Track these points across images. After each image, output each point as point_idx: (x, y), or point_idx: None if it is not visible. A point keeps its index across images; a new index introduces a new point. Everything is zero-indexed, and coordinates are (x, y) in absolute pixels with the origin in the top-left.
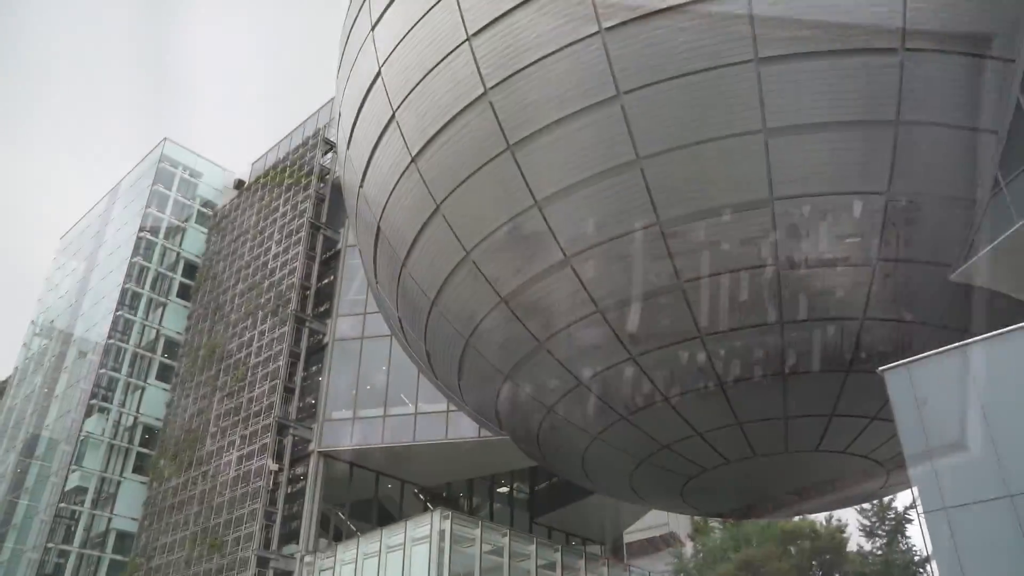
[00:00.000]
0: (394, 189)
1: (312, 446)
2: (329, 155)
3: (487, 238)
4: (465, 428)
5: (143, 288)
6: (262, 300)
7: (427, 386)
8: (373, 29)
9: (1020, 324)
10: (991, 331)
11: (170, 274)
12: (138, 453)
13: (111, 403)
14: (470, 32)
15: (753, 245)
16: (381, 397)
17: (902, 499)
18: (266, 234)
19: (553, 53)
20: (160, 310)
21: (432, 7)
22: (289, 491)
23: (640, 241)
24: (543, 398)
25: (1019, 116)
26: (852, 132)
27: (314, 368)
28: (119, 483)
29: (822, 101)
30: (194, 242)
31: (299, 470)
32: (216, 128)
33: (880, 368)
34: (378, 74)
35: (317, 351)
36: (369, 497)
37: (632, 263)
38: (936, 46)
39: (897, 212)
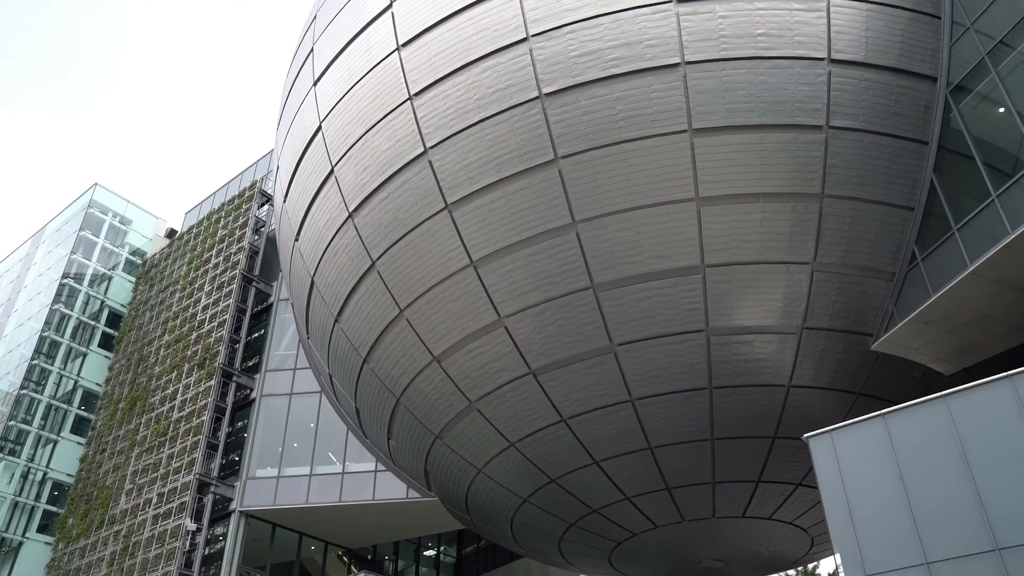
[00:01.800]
0: (330, 244)
1: (233, 505)
2: (265, 207)
3: (422, 296)
4: (393, 489)
5: (62, 336)
6: (189, 352)
7: (356, 445)
8: (315, 84)
9: (936, 394)
10: (910, 400)
11: (92, 323)
12: (45, 511)
13: (19, 456)
14: (412, 92)
15: (684, 311)
16: (308, 455)
17: (826, 566)
18: (196, 285)
19: (493, 116)
20: (79, 360)
21: (375, 65)
22: (207, 552)
23: (574, 304)
24: (473, 459)
25: (934, 194)
26: (780, 204)
27: (239, 424)
28: (21, 543)
29: (752, 173)
30: (120, 291)
31: (218, 530)
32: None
33: (805, 435)
34: (319, 128)
35: (243, 406)
36: (291, 559)
37: (565, 325)
38: (857, 125)
39: (822, 282)
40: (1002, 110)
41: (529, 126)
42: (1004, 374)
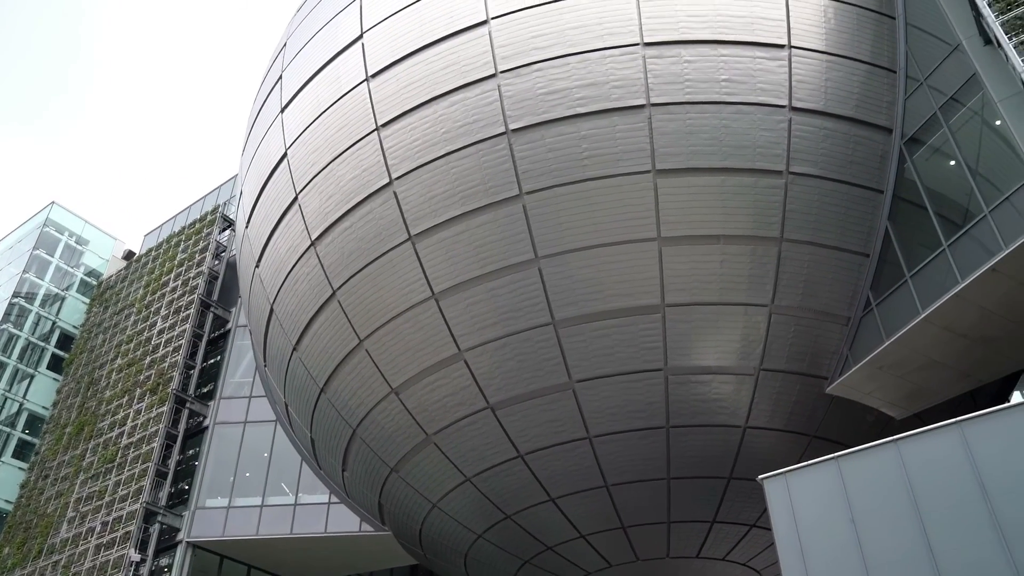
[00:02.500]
0: (291, 271)
1: (181, 535)
2: (227, 232)
3: (382, 327)
4: (346, 522)
5: (9, 358)
6: (141, 377)
7: (309, 476)
8: (283, 111)
9: (888, 439)
10: (863, 443)
11: (42, 344)
12: None
13: None
14: (380, 122)
15: (643, 349)
16: (260, 485)
17: None
18: (152, 309)
19: (460, 149)
20: (26, 382)
21: (344, 95)
22: None
23: (534, 339)
24: (428, 493)
25: (888, 242)
26: (740, 246)
27: (191, 452)
28: None
29: (714, 215)
30: (73, 312)
31: (164, 561)
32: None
33: (760, 476)
34: (284, 155)
35: (196, 434)
36: None
37: (525, 361)
38: (816, 172)
39: (780, 325)
40: (953, 163)
41: (495, 161)
42: (953, 420)
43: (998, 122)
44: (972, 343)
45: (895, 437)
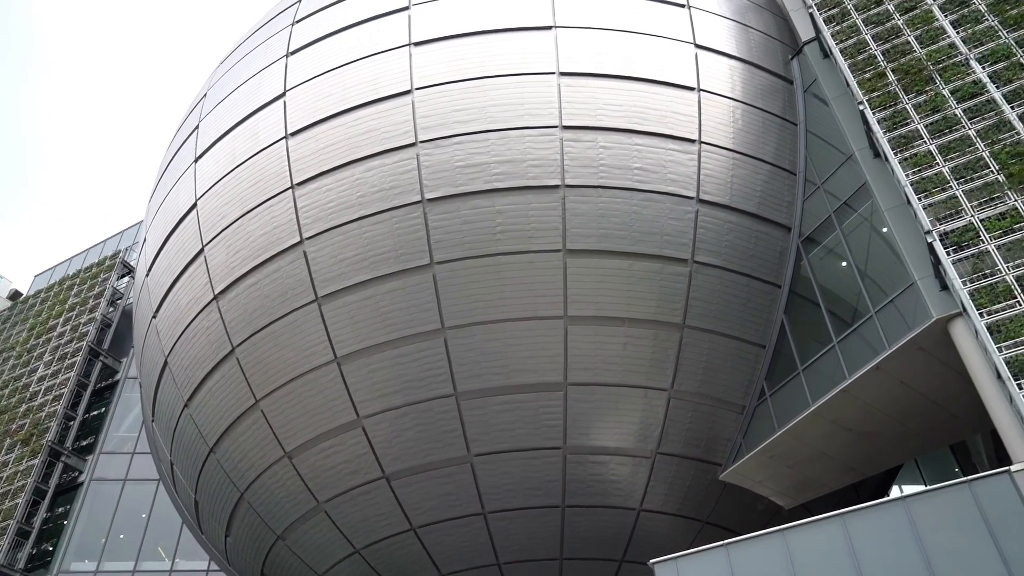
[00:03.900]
0: (190, 324)
1: None
2: (126, 279)
3: (280, 388)
4: None
5: None
6: (14, 426)
7: (189, 541)
8: (197, 161)
9: (776, 528)
10: (753, 531)
11: None
12: None
13: None
14: (295, 181)
15: (544, 426)
16: (134, 549)
17: None
18: (35, 354)
19: (374, 214)
20: None
21: (261, 150)
22: None
23: (435, 410)
24: (315, 564)
25: (783, 335)
26: (644, 330)
27: (60, 510)
28: None
29: (620, 297)
30: None
31: None
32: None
33: (651, 560)
34: (194, 206)
35: (69, 490)
36: None
37: (425, 431)
38: (719, 263)
39: (678, 410)
40: (844, 264)
41: (408, 229)
42: (835, 512)
43: (885, 229)
44: (857, 437)
45: (782, 527)
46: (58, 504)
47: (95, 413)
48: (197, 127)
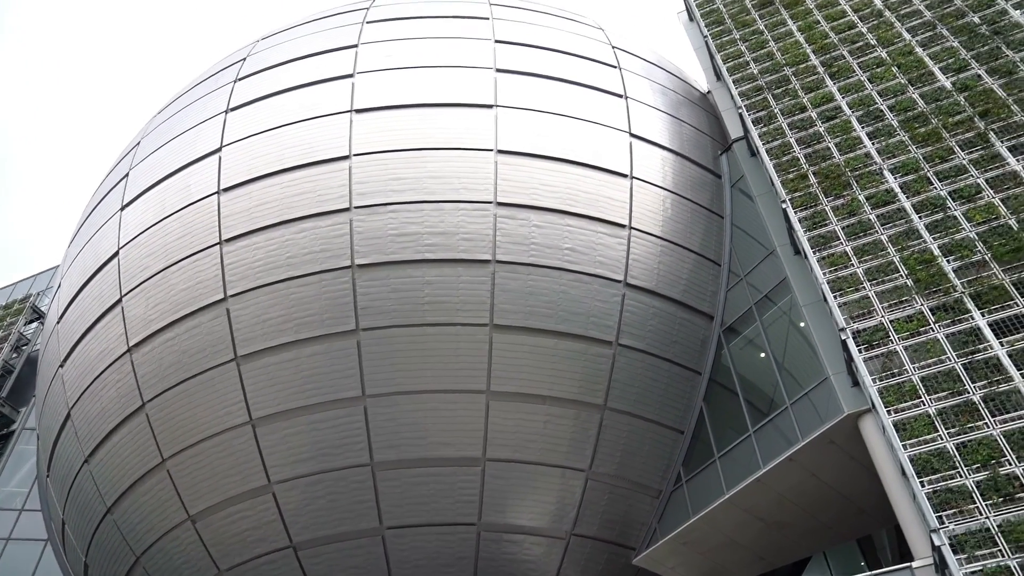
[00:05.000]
0: (99, 376)
1: None
2: (35, 325)
3: (190, 448)
4: None
5: None
6: None
7: None
8: (123, 209)
9: None
10: None
11: None
12: None
13: None
14: (224, 237)
15: (459, 502)
16: None
17: None
18: None
19: (302, 276)
20: None
21: (192, 203)
22: None
23: (350, 479)
24: None
25: (702, 421)
26: (565, 409)
27: None
28: None
29: (543, 375)
30: None
31: None
32: None
33: None
34: (116, 254)
35: None
36: None
37: (337, 500)
38: (643, 347)
39: (595, 491)
40: (763, 355)
41: (336, 293)
42: None
43: (802, 323)
44: (768, 527)
45: None
46: None
47: None
48: (127, 175)
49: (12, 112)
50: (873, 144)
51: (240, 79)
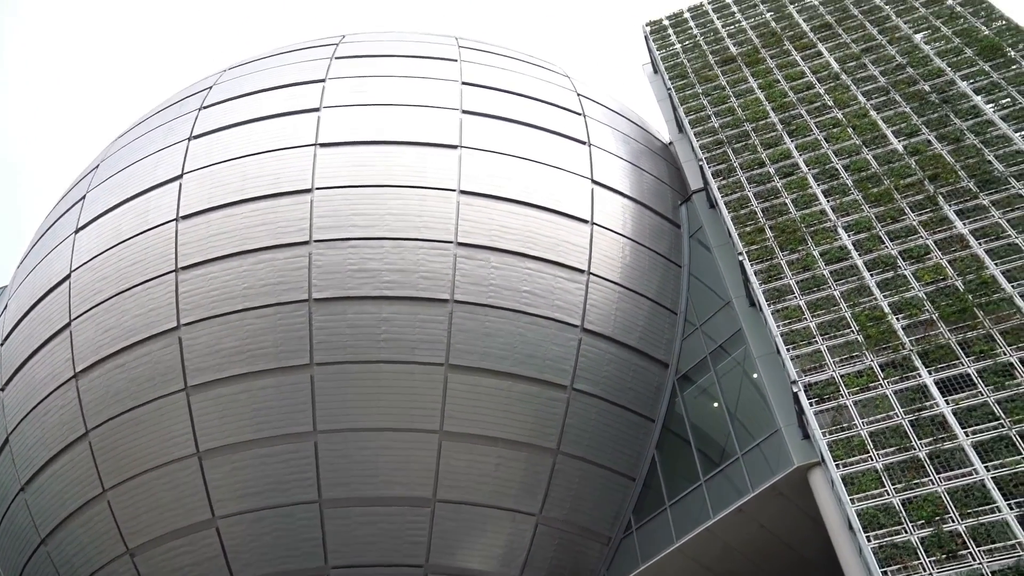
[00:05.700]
0: (42, 401)
1: None
2: None
3: (133, 479)
4: None
5: None
6: None
7: None
8: (77, 231)
9: None
10: None
11: None
12: None
13: None
14: (180, 264)
15: (407, 543)
16: None
17: None
18: None
19: (258, 308)
20: None
21: (149, 229)
22: None
23: (297, 516)
24: None
25: (654, 469)
26: (517, 452)
27: None
28: None
29: (496, 417)
30: None
31: None
32: None
33: None
34: (67, 277)
35: None
36: None
37: (282, 538)
38: (597, 392)
39: (544, 536)
40: (716, 405)
41: (291, 326)
42: None
43: (756, 375)
44: None
45: None
46: None
47: None
48: (84, 197)
49: None
50: (828, 201)
51: (205, 107)
